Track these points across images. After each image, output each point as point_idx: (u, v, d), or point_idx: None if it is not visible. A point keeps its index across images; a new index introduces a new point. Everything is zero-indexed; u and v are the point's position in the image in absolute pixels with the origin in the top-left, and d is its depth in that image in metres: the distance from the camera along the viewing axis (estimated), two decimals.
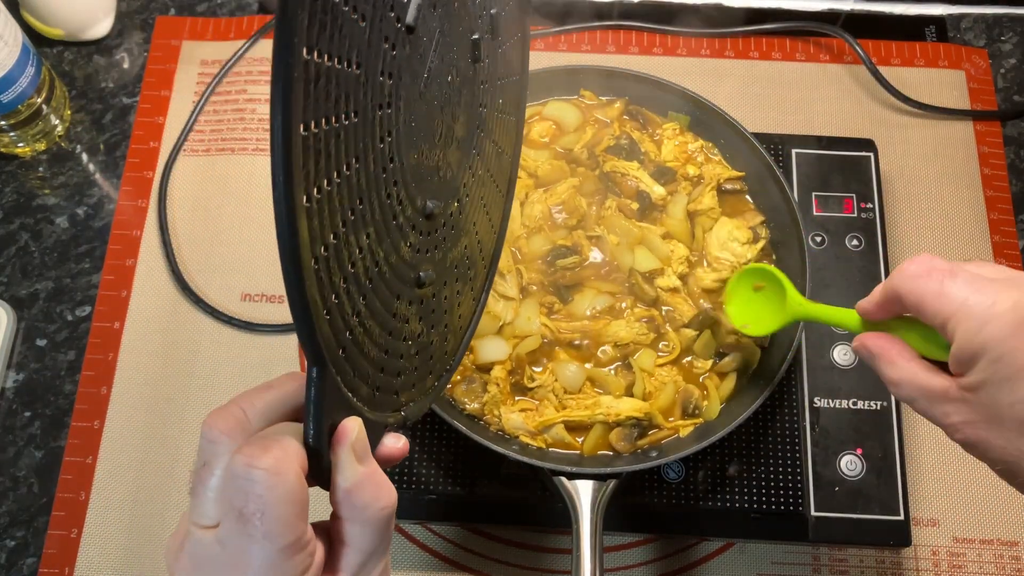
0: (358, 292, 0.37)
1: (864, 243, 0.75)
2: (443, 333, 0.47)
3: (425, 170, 0.42)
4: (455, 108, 0.44)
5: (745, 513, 0.67)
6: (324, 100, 0.33)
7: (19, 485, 0.72)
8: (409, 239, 0.42)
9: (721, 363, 0.68)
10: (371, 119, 0.37)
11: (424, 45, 0.40)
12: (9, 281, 0.79)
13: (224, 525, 0.34)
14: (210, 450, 0.35)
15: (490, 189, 0.50)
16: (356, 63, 0.35)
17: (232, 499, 0.34)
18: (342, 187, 0.35)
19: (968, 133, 0.86)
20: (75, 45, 0.89)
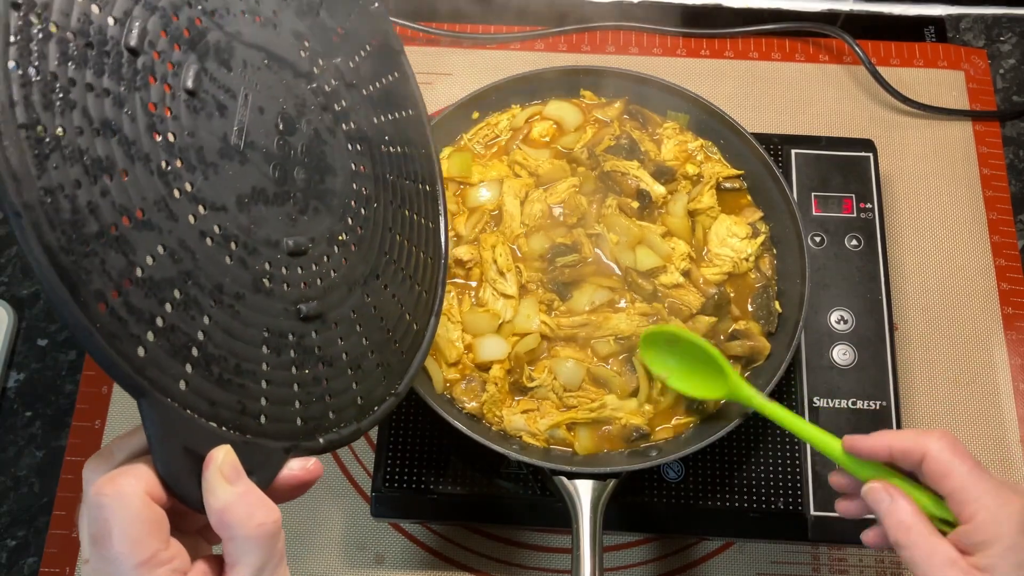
0: (199, 327, 0.39)
1: (863, 243, 0.75)
2: (367, 369, 0.49)
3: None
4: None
5: (744, 513, 0.67)
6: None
7: (20, 485, 0.72)
8: (270, 272, 0.44)
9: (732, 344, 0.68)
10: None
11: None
12: (10, 281, 0.79)
13: (89, 554, 0.37)
14: (85, 490, 0.38)
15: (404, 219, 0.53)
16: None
17: (89, 527, 0.37)
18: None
19: (967, 133, 0.87)
20: None
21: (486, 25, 0.91)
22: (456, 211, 0.73)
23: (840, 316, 0.72)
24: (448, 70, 0.89)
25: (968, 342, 0.78)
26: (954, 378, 0.77)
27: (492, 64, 0.89)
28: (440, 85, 0.88)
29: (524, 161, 0.74)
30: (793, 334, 0.66)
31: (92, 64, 0.36)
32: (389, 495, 0.67)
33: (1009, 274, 0.81)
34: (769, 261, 0.72)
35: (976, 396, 0.76)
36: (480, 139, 0.76)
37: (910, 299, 0.80)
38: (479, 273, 0.70)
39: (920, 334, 0.78)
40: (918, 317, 0.79)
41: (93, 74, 0.36)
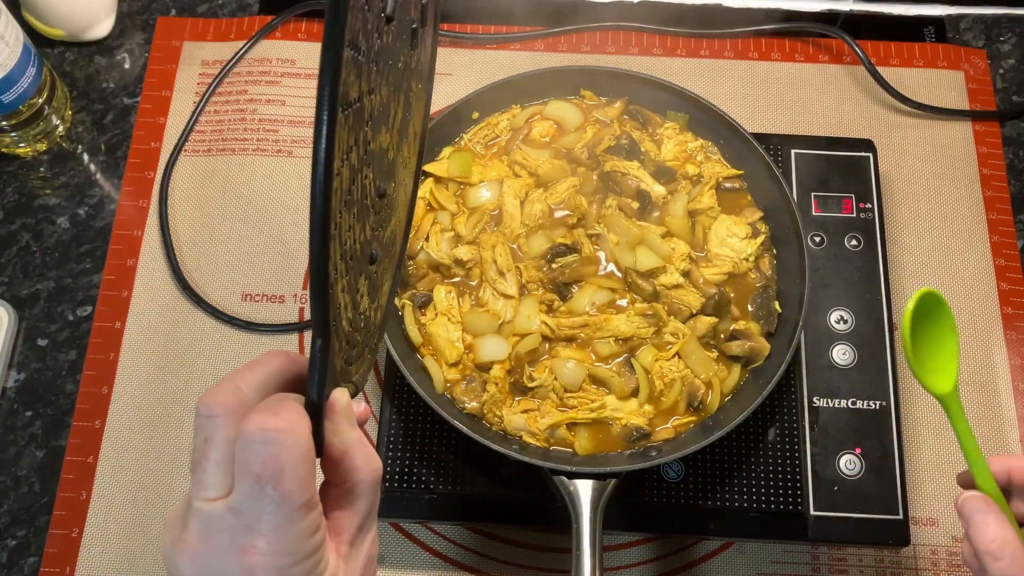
0: (346, 269, 0.39)
1: (863, 243, 0.75)
2: (375, 308, 0.49)
3: (380, 152, 0.45)
4: (400, 93, 0.46)
5: (744, 512, 0.67)
6: (346, 88, 0.37)
7: (20, 484, 0.73)
8: (370, 219, 0.44)
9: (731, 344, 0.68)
10: (363, 104, 0.40)
11: (393, 33, 0.43)
12: (10, 281, 0.79)
13: (238, 492, 0.35)
14: (210, 425, 0.36)
15: (407, 170, 0.52)
16: (362, 52, 0.38)
17: (247, 464, 0.35)
18: (344, 168, 0.36)
19: (967, 133, 0.87)
20: (76, 46, 0.89)
21: (486, 25, 0.91)
22: (456, 211, 0.73)
23: (840, 316, 0.72)
24: (448, 70, 0.89)
25: (968, 342, 0.78)
26: None
27: (492, 64, 0.89)
28: (440, 85, 0.88)
29: (524, 161, 0.74)
30: (793, 334, 0.66)
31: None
32: (389, 495, 0.67)
33: (1009, 274, 0.81)
34: (769, 261, 0.72)
35: (976, 396, 0.76)
36: (480, 139, 0.76)
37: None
38: (479, 273, 0.70)
39: None
40: None
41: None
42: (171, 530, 0.37)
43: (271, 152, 0.85)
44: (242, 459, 0.35)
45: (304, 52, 0.89)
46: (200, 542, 0.35)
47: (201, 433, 0.36)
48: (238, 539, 0.35)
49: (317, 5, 0.90)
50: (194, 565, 0.36)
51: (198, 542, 0.35)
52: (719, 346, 0.69)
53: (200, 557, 0.35)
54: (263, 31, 0.89)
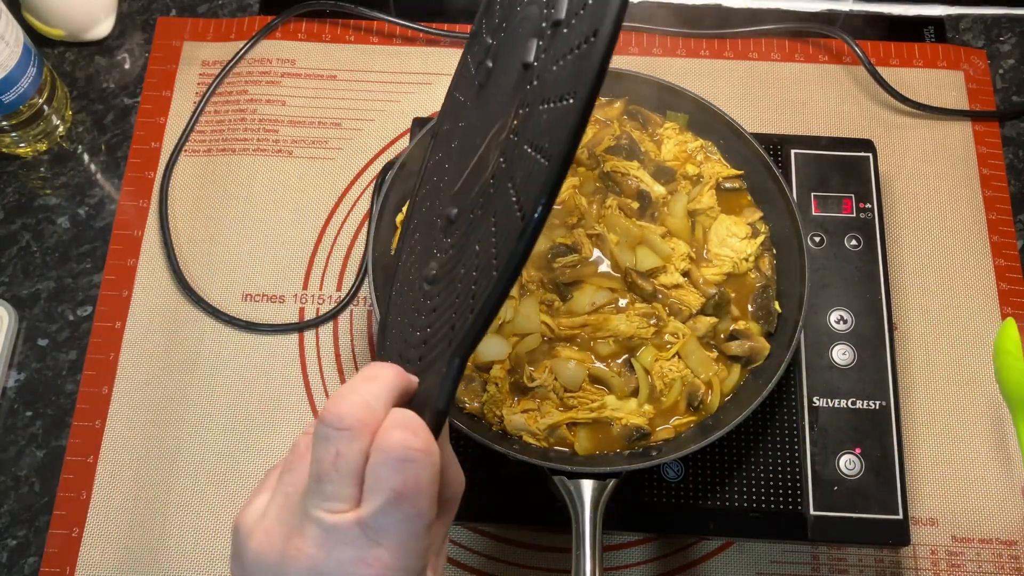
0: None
1: (863, 243, 0.75)
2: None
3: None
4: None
5: (744, 512, 0.67)
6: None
7: (20, 484, 0.73)
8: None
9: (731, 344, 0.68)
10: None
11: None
12: (10, 281, 0.79)
13: (370, 506, 0.35)
14: (342, 437, 0.36)
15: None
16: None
17: (386, 480, 0.35)
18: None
19: (967, 133, 0.87)
20: (76, 46, 0.89)
21: None
22: None
23: (840, 316, 0.72)
24: (448, 70, 0.88)
25: (968, 342, 0.78)
26: (954, 378, 0.77)
27: None
28: (440, 85, 0.88)
29: None
30: (793, 334, 0.66)
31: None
32: None
33: (1009, 274, 0.81)
34: (769, 261, 0.72)
35: (976, 396, 0.76)
36: None
37: (910, 299, 0.80)
38: None
39: (920, 334, 0.78)
40: (918, 317, 0.79)
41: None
42: (268, 537, 0.37)
43: (271, 152, 0.85)
44: (379, 475, 0.35)
45: (304, 52, 0.89)
46: (320, 552, 0.35)
47: (330, 444, 0.36)
48: (363, 552, 0.35)
49: (317, 5, 0.90)
50: (312, 575, 0.35)
51: (318, 552, 0.35)
52: (719, 346, 0.69)
53: (319, 568, 0.35)
54: (263, 31, 0.89)
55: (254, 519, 0.38)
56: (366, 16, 0.90)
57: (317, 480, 0.36)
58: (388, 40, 0.90)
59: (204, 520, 0.71)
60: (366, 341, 0.78)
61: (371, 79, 0.88)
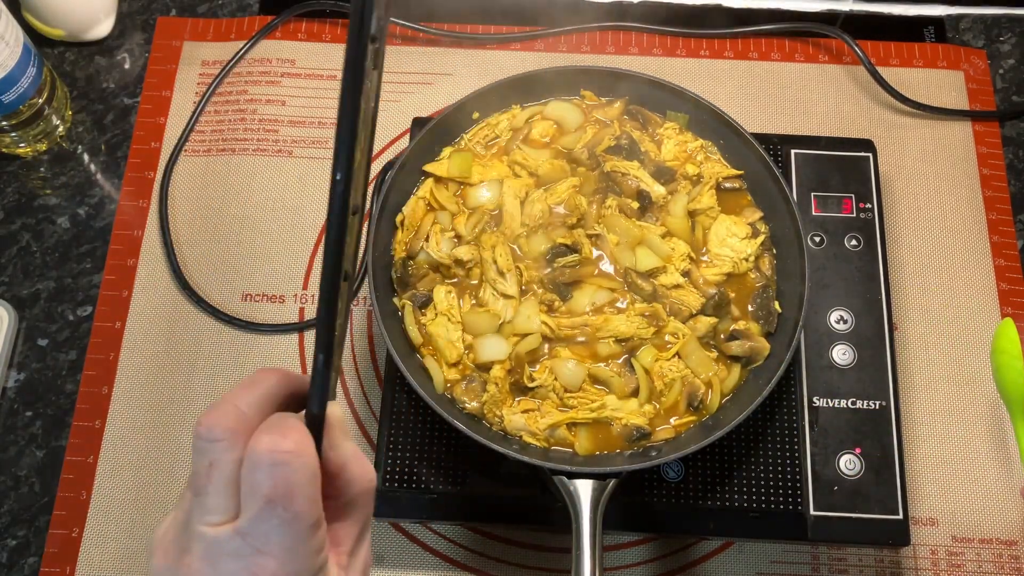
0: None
1: (863, 243, 0.75)
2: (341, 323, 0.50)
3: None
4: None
5: (744, 512, 0.67)
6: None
7: (20, 484, 0.73)
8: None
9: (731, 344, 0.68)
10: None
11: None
12: (11, 281, 0.79)
13: (246, 515, 0.35)
14: (214, 449, 0.35)
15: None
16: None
17: (258, 487, 0.34)
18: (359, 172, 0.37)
19: (967, 133, 0.87)
20: (76, 46, 0.89)
21: (486, 25, 0.91)
22: (456, 211, 0.73)
23: (840, 316, 0.72)
24: (448, 70, 0.89)
25: (968, 342, 0.78)
26: (954, 378, 0.77)
27: (492, 64, 0.89)
28: (440, 85, 0.88)
29: (524, 161, 0.74)
30: (793, 334, 0.66)
31: None
32: (389, 495, 0.67)
33: (1009, 274, 0.81)
34: (769, 261, 0.72)
35: (976, 396, 0.76)
36: (480, 139, 0.76)
37: (910, 299, 0.80)
38: (479, 273, 0.70)
39: (920, 334, 0.78)
40: (918, 317, 0.79)
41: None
42: (165, 555, 0.36)
43: (271, 152, 0.85)
44: (252, 482, 0.35)
45: (304, 52, 0.89)
46: (206, 566, 0.35)
47: (204, 457, 0.35)
48: (247, 562, 0.35)
49: (317, 5, 0.90)
50: None
51: (203, 566, 0.35)
52: (719, 346, 0.69)
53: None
54: (263, 31, 0.89)
55: (159, 537, 0.38)
56: None
57: (197, 494, 0.35)
58: (388, 40, 0.90)
59: None
60: (366, 341, 0.78)
61: None
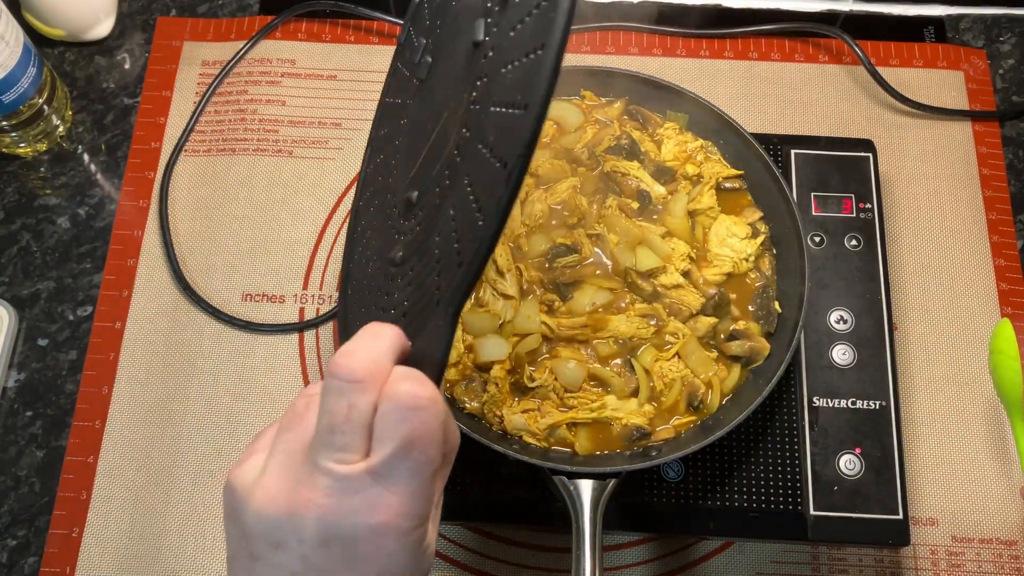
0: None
1: (863, 243, 0.75)
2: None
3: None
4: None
5: (744, 512, 0.67)
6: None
7: (20, 484, 0.73)
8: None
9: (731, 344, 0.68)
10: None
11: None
12: (11, 281, 0.79)
13: (379, 455, 0.36)
14: (353, 390, 0.37)
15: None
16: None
17: (396, 430, 0.36)
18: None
19: (967, 133, 0.87)
20: (76, 46, 0.89)
21: None
22: None
23: (840, 316, 0.72)
24: None
25: (968, 342, 0.78)
26: (954, 378, 0.77)
27: None
28: None
29: None
30: (793, 334, 0.66)
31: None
32: None
33: (1009, 274, 0.81)
34: (769, 261, 0.72)
35: (976, 396, 0.76)
36: None
37: (910, 299, 0.80)
38: None
39: (920, 334, 0.78)
40: (918, 317, 0.79)
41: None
42: (267, 494, 0.37)
43: (271, 152, 0.85)
44: (390, 424, 0.36)
45: (304, 52, 0.89)
46: (331, 501, 0.36)
47: (343, 397, 0.36)
48: (373, 500, 0.36)
49: (317, 5, 0.90)
50: (323, 524, 0.36)
51: (329, 500, 0.36)
52: (719, 346, 0.69)
53: (330, 517, 0.36)
54: (263, 31, 0.89)
55: (252, 477, 0.38)
56: (366, 16, 0.90)
57: (329, 432, 0.36)
58: (388, 40, 0.90)
59: (204, 520, 0.71)
60: None
61: (371, 79, 0.88)
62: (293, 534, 0.36)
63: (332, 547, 0.36)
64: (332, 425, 0.36)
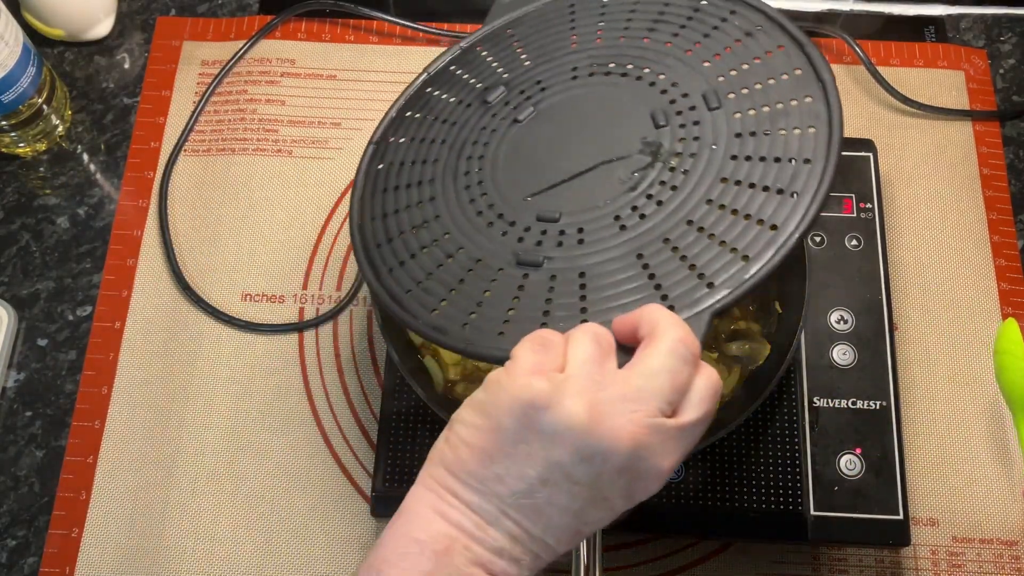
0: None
1: (863, 243, 0.75)
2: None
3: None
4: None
5: (744, 513, 0.67)
6: None
7: (20, 484, 0.73)
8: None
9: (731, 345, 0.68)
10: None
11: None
12: (10, 281, 0.79)
13: (689, 416, 0.42)
14: (691, 363, 0.43)
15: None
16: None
17: (706, 403, 0.43)
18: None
19: (967, 133, 0.87)
20: (76, 45, 0.89)
21: None
22: None
23: (840, 316, 0.72)
24: None
25: (968, 342, 0.78)
26: (954, 378, 0.77)
27: None
28: None
29: None
30: (793, 334, 0.66)
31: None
32: (389, 495, 0.67)
33: (1009, 274, 0.81)
34: None
35: (976, 396, 0.76)
36: None
37: (910, 299, 0.80)
38: None
39: (920, 334, 0.78)
40: (918, 317, 0.79)
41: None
42: (596, 410, 0.40)
43: (271, 152, 0.85)
44: (704, 397, 0.43)
45: (304, 52, 0.89)
46: (648, 440, 0.41)
47: (687, 367, 0.42)
48: (671, 450, 0.42)
49: (317, 5, 0.90)
50: (631, 456, 0.41)
51: (646, 440, 0.41)
52: (719, 346, 0.69)
53: (641, 451, 0.41)
54: (263, 31, 0.89)
55: (554, 387, 0.41)
56: (366, 16, 0.90)
57: (673, 390, 0.41)
58: (388, 40, 0.90)
59: (204, 520, 0.71)
60: (366, 341, 0.78)
61: (371, 79, 0.88)
62: (601, 455, 0.40)
63: (623, 475, 0.41)
64: (676, 385, 0.41)
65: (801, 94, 0.54)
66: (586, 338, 0.42)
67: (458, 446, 0.41)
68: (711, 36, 0.58)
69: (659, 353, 0.41)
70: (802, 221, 0.50)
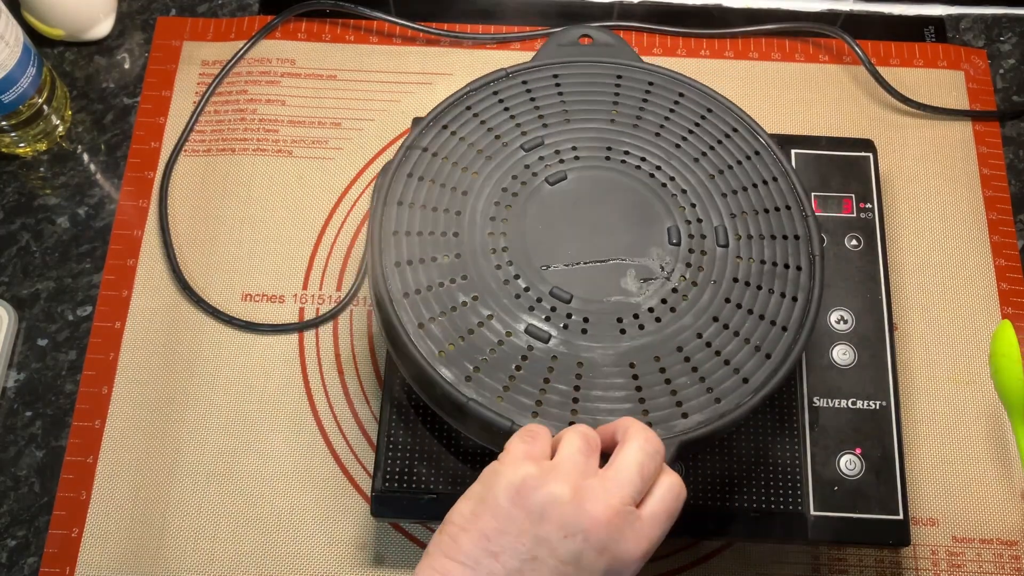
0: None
1: (863, 243, 0.75)
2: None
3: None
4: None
5: (744, 512, 0.67)
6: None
7: (20, 484, 0.73)
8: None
9: None
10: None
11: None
12: (10, 281, 0.79)
13: (653, 508, 0.49)
14: (658, 460, 0.50)
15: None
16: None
17: (668, 496, 0.50)
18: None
19: (967, 133, 0.87)
20: (76, 45, 0.89)
21: (486, 25, 0.91)
22: None
23: (840, 316, 0.72)
24: (448, 70, 0.89)
25: (968, 342, 0.78)
26: (954, 378, 0.77)
27: (492, 64, 0.89)
28: (440, 85, 0.88)
29: None
30: None
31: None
32: (389, 495, 0.67)
33: (1009, 274, 0.81)
34: None
35: (976, 396, 0.76)
36: None
37: (910, 299, 0.80)
38: None
39: (920, 334, 0.78)
40: (918, 317, 0.79)
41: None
42: (587, 499, 0.46)
43: (271, 152, 0.85)
44: (670, 496, 0.50)
45: (304, 52, 0.89)
46: (622, 525, 0.47)
47: (655, 461, 0.49)
48: (644, 536, 0.49)
49: (317, 5, 0.90)
50: (606, 539, 0.46)
51: (620, 524, 0.47)
52: None
53: (615, 534, 0.47)
54: (263, 31, 0.89)
55: (542, 472, 0.47)
56: (366, 16, 0.90)
57: (642, 481, 0.48)
58: (388, 40, 0.90)
59: (204, 520, 0.71)
60: (366, 341, 0.78)
61: (371, 79, 0.88)
62: (583, 533, 0.45)
63: (603, 556, 0.46)
64: (645, 475, 0.48)
65: (795, 262, 0.61)
66: (576, 435, 0.49)
67: (457, 535, 0.46)
68: (734, 169, 0.64)
69: (631, 450, 0.48)
70: (768, 381, 0.56)
